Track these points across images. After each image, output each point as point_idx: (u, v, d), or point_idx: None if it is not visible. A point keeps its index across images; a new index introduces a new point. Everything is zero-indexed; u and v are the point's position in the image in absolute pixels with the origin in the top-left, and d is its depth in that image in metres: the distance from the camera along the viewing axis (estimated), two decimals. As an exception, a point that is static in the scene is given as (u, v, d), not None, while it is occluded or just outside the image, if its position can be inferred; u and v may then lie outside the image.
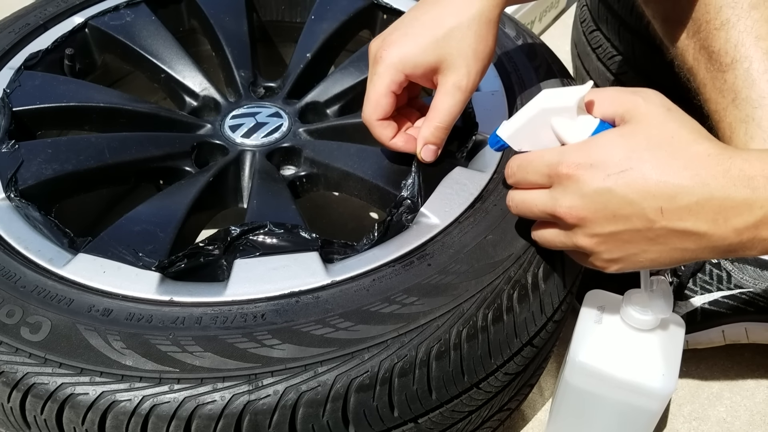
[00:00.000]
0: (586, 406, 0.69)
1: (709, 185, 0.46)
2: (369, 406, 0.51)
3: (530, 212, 0.54)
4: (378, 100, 0.61)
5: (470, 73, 0.60)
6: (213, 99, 0.84)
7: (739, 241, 0.48)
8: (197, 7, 0.91)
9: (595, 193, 0.48)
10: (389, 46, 0.60)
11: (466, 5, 0.59)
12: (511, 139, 0.55)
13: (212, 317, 0.52)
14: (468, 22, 0.58)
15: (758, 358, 0.89)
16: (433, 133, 0.61)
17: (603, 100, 0.52)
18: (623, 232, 0.49)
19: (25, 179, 0.65)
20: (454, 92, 0.60)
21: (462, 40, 0.59)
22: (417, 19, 0.60)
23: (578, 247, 0.52)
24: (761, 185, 0.46)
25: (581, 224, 0.50)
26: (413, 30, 0.60)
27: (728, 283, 0.80)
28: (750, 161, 0.46)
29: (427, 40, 0.59)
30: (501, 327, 0.55)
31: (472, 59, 0.59)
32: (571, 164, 0.49)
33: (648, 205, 0.48)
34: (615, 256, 0.52)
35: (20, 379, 0.49)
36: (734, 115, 0.72)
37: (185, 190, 0.68)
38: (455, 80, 0.60)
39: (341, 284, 0.56)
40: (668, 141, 0.48)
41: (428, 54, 0.59)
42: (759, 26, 0.70)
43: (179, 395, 0.48)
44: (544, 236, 0.55)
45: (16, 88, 0.75)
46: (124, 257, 0.58)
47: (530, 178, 0.53)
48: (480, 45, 0.59)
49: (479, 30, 0.59)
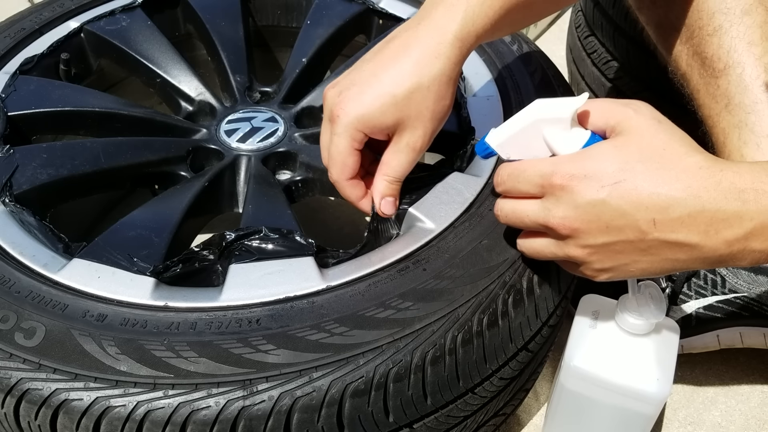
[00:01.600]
0: (582, 410, 0.69)
1: (701, 197, 0.47)
2: (364, 412, 0.51)
3: (520, 222, 0.54)
4: (343, 161, 0.59)
5: (425, 134, 0.59)
6: (208, 104, 0.84)
7: (730, 252, 0.48)
8: (193, 11, 0.91)
9: (589, 205, 0.49)
10: (346, 103, 0.58)
11: (427, 63, 0.57)
12: (501, 147, 0.55)
13: (207, 322, 0.52)
14: (428, 83, 0.57)
15: (753, 363, 0.89)
16: (388, 187, 0.60)
17: (594, 112, 0.52)
18: (616, 243, 0.50)
19: (19, 184, 0.65)
20: (408, 151, 0.59)
21: (421, 102, 0.57)
22: (375, 75, 0.57)
23: (569, 257, 0.53)
24: (751, 198, 0.47)
25: (574, 235, 0.50)
26: (371, 88, 0.57)
27: (723, 288, 0.80)
28: (741, 174, 0.47)
29: (386, 100, 0.56)
30: (496, 332, 0.55)
31: (429, 120, 0.58)
32: (565, 175, 0.49)
33: (641, 216, 0.48)
34: (606, 265, 0.52)
35: (14, 385, 0.49)
36: (727, 121, 0.72)
37: (180, 195, 0.68)
38: (410, 141, 0.58)
39: (336, 289, 0.56)
40: (660, 153, 0.48)
41: (387, 116, 0.57)
42: (751, 32, 0.71)
43: (174, 401, 0.48)
44: (533, 246, 0.55)
45: (12, 92, 0.75)
46: (118, 262, 0.58)
47: (522, 187, 0.52)
48: (438, 105, 0.58)
49: (439, 90, 0.57)
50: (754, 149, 0.71)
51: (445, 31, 0.57)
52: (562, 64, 1.31)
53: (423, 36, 0.57)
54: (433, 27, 0.57)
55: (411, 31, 0.58)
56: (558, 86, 0.77)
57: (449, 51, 0.57)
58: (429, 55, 0.57)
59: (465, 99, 0.76)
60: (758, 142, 0.71)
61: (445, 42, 0.57)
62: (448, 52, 0.57)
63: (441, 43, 0.57)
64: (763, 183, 0.47)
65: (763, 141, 0.71)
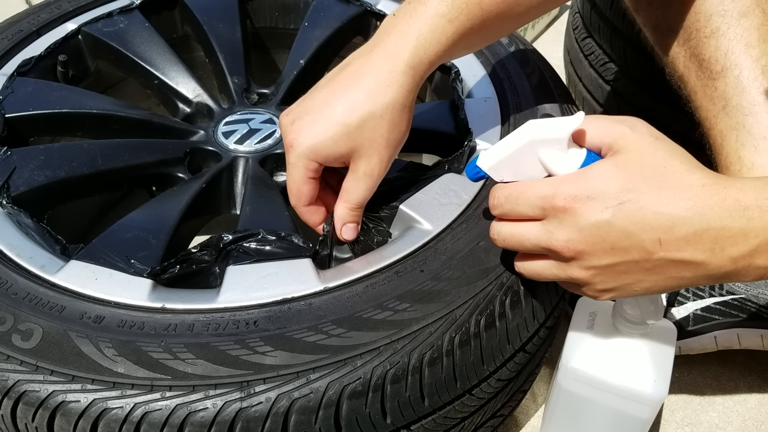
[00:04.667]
0: (579, 411, 0.69)
1: (706, 215, 0.47)
2: (361, 413, 0.51)
3: (520, 246, 0.53)
4: (299, 189, 0.60)
5: (381, 162, 0.58)
6: (206, 105, 0.84)
7: (735, 269, 0.48)
8: (191, 13, 0.91)
9: (594, 226, 0.48)
10: (299, 132, 0.57)
11: (379, 91, 0.56)
12: (493, 170, 0.54)
13: (204, 324, 0.52)
14: (381, 111, 0.56)
15: (750, 364, 0.89)
16: (349, 214, 0.60)
17: (589, 130, 0.51)
18: (621, 263, 0.49)
19: (17, 186, 0.65)
20: (366, 179, 0.58)
21: (374, 130, 0.56)
22: (328, 105, 0.57)
23: (572, 279, 0.52)
24: (756, 215, 0.46)
25: (578, 257, 0.50)
26: (324, 118, 0.57)
27: (720, 290, 0.80)
28: (744, 191, 0.47)
29: (338, 129, 0.56)
30: (493, 333, 0.55)
31: (384, 148, 0.57)
32: (568, 197, 0.48)
33: (647, 236, 0.48)
34: (610, 286, 0.52)
35: (11, 387, 0.49)
36: (725, 123, 0.72)
37: (178, 197, 0.68)
38: (366, 169, 0.58)
39: (334, 291, 0.56)
40: (662, 171, 0.48)
41: (340, 145, 0.57)
42: (749, 34, 0.71)
43: (171, 402, 0.48)
44: (533, 268, 0.54)
45: (9, 94, 0.75)
46: (116, 264, 0.58)
47: (521, 210, 0.51)
48: (392, 133, 0.57)
49: (392, 118, 0.57)
50: (752, 151, 0.71)
51: (398, 59, 0.56)
52: (560, 66, 1.32)
53: (376, 64, 0.57)
54: (385, 55, 0.57)
55: (364, 58, 0.58)
56: (555, 88, 0.77)
57: (402, 79, 0.56)
58: (381, 84, 0.56)
59: (462, 100, 0.76)
60: (756, 144, 0.71)
61: (397, 70, 0.56)
62: (401, 80, 0.56)
63: (393, 72, 0.56)
64: (766, 200, 0.47)
65: (760, 143, 0.71)
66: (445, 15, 0.56)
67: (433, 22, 0.56)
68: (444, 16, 0.56)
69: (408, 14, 0.57)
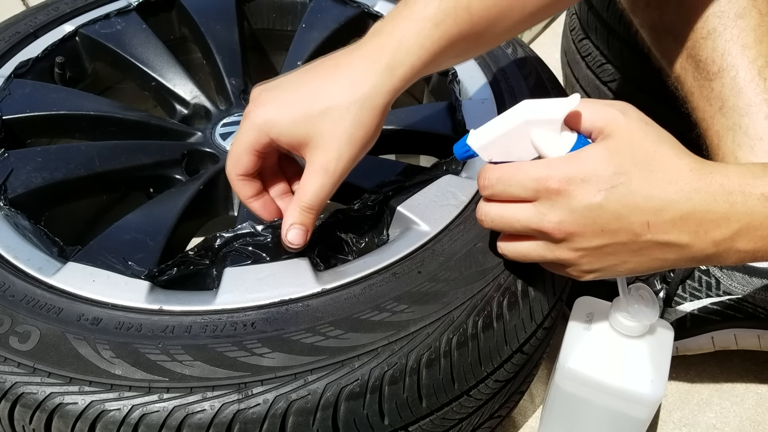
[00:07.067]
0: (576, 412, 0.69)
1: (692, 199, 0.48)
2: (359, 415, 0.51)
3: (509, 227, 0.53)
4: (239, 156, 0.57)
5: (341, 157, 0.55)
6: (203, 107, 0.84)
7: (716, 251, 0.50)
8: (188, 15, 0.91)
9: (586, 209, 0.49)
10: (260, 105, 0.56)
11: (352, 85, 0.54)
12: (483, 149, 0.53)
13: (202, 326, 0.52)
14: (348, 105, 0.54)
15: (747, 364, 0.90)
16: (301, 215, 0.56)
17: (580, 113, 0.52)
18: (609, 245, 0.50)
19: (14, 188, 0.65)
20: (321, 174, 0.55)
21: (336, 123, 0.54)
22: (297, 88, 0.56)
23: (559, 260, 0.53)
24: (739, 200, 0.48)
25: (568, 239, 0.50)
26: (288, 97, 0.55)
27: (717, 290, 0.81)
28: (729, 176, 0.48)
29: (298, 112, 0.54)
30: (491, 334, 0.55)
31: (346, 144, 0.54)
32: (561, 179, 0.49)
33: (636, 219, 0.49)
34: (595, 267, 0.53)
35: (9, 389, 0.49)
36: (721, 123, 0.73)
37: (175, 199, 0.68)
38: (323, 161, 0.55)
39: (331, 292, 0.56)
40: (652, 155, 0.49)
41: (298, 127, 0.54)
42: (745, 35, 0.71)
43: (169, 404, 0.48)
44: (518, 250, 0.54)
45: (6, 96, 0.75)
46: (113, 266, 0.58)
47: (513, 191, 0.51)
48: (357, 131, 0.54)
49: (359, 115, 0.54)
50: (748, 152, 0.71)
51: (377, 59, 0.55)
52: (557, 67, 1.32)
53: (355, 61, 0.56)
54: (366, 54, 0.56)
55: (345, 55, 0.57)
56: (552, 89, 0.77)
57: (377, 78, 0.54)
58: (355, 79, 0.55)
59: (460, 102, 0.76)
60: (752, 144, 0.71)
61: (374, 69, 0.55)
62: (375, 80, 0.54)
63: (370, 70, 0.55)
64: (749, 185, 0.48)
65: (756, 144, 0.71)
66: (431, 18, 0.55)
67: (418, 25, 0.55)
68: (430, 19, 0.55)
69: (395, 17, 0.56)
